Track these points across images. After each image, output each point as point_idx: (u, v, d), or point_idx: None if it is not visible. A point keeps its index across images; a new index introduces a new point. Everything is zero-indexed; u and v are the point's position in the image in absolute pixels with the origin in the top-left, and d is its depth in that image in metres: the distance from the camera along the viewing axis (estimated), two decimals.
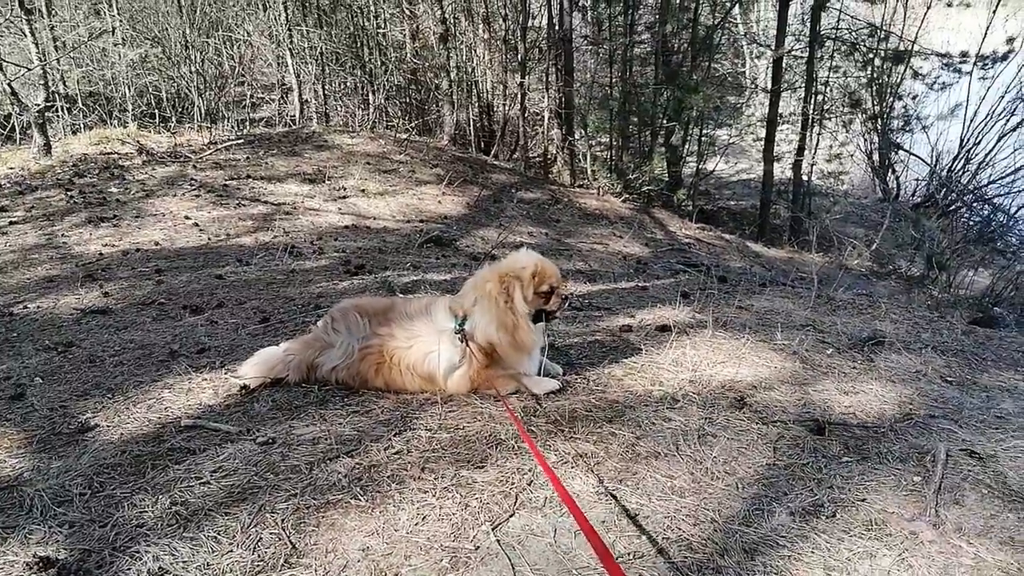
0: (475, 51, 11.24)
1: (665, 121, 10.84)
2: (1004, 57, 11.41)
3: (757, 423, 2.49)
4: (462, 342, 2.67)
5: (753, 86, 18.23)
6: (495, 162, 11.04)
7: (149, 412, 2.68)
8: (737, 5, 17.12)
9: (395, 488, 2.11)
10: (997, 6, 12.27)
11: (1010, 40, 11.52)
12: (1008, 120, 12.49)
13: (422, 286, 4.40)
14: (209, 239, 5.85)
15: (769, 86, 11.64)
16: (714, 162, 13.19)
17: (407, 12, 11.92)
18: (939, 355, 3.39)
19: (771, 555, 1.83)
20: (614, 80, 11.74)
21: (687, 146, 11.85)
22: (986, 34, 12.04)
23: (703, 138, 12.16)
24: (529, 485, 2.12)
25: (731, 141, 14.50)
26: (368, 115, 11.62)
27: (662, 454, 2.28)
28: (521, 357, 2.71)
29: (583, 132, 11.10)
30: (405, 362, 2.73)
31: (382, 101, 11.71)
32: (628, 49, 10.79)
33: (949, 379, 3.08)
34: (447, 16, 10.76)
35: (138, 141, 9.06)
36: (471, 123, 11.36)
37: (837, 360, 3.13)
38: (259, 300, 4.11)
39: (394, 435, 2.42)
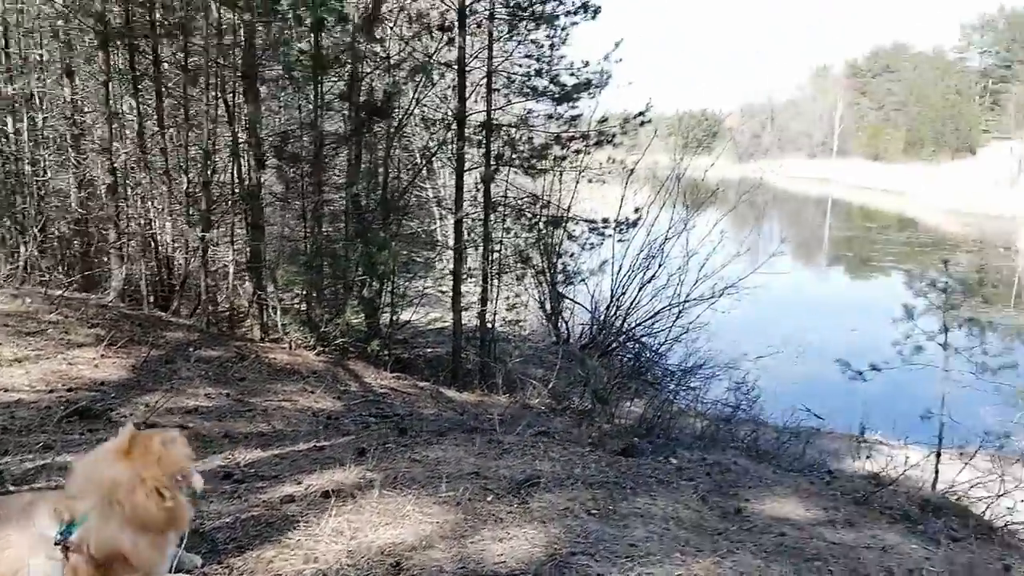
0: (152, 203, 10.55)
1: (359, 274, 11.13)
2: (634, 224, 13.93)
3: None
4: (64, 554, 2.17)
5: (443, 243, 19.81)
6: (173, 319, 10.17)
7: None
8: (425, 171, 18.87)
9: None
10: (627, 183, 15.11)
11: (637, 210, 14.17)
12: (644, 274, 15.10)
13: (49, 472, 3.72)
14: None
15: (452, 244, 12.71)
16: (409, 312, 13.74)
17: (73, 160, 10.90)
18: (587, 489, 3.76)
19: None
20: (307, 234, 11.83)
21: (383, 297, 12.22)
22: (621, 204, 14.68)
23: (396, 290, 12.66)
24: None
25: (424, 292, 15.33)
26: (16, 269, 10.05)
27: None
28: (146, 560, 2.32)
29: (274, 286, 10.84)
30: None
31: (34, 253, 10.26)
32: (319, 206, 11.04)
33: (593, 512, 3.41)
34: (117, 167, 10.03)
35: None
36: (145, 278, 10.43)
37: (496, 506, 3.29)
38: None
39: None
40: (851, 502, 5.13)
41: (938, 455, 7.36)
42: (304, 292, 11.71)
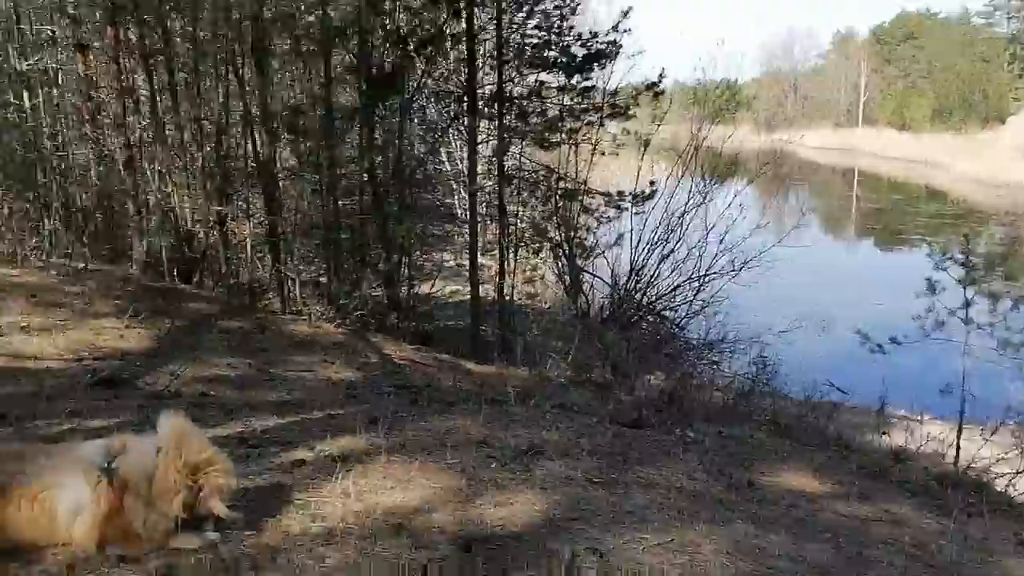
0: (170, 177, 10.68)
1: (376, 248, 11.23)
2: (650, 196, 13.79)
3: (411, 549, 2.53)
4: (101, 480, 2.32)
5: (461, 216, 19.83)
6: (195, 291, 10.35)
7: None
8: (442, 143, 18.82)
9: None
10: (643, 155, 14.96)
11: (652, 183, 14.01)
12: (663, 247, 14.97)
13: (76, 436, 3.84)
14: None
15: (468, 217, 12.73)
16: (428, 285, 13.83)
17: (90, 135, 11.05)
18: (592, 459, 3.80)
19: None
20: (323, 208, 11.93)
21: (401, 271, 12.32)
22: (638, 177, 14.53)
23: (414, 263, 12.76)
24: None
25: (443, 265, 15.41)
26: (40, 243, 10.27)
27: None
28: (150, 526, 2.40)
29: (292, 259, 10.98)
30: (26, 495, 2.30)
31: (58, 227, 10.47)
32: (334, 180, 11.11)
33: (596, 481, 3.46)
34: (132, 142, 10.17)
35: None
36: (164, 251, 10.60)
37: (499, 473, 3.35)
38: None
39: None
40: (867, 476, 5.10)
41: (959, 430, 7.26)
42: (329, 266, 11.86)
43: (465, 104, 10.76)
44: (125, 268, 10.36)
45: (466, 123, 10.86)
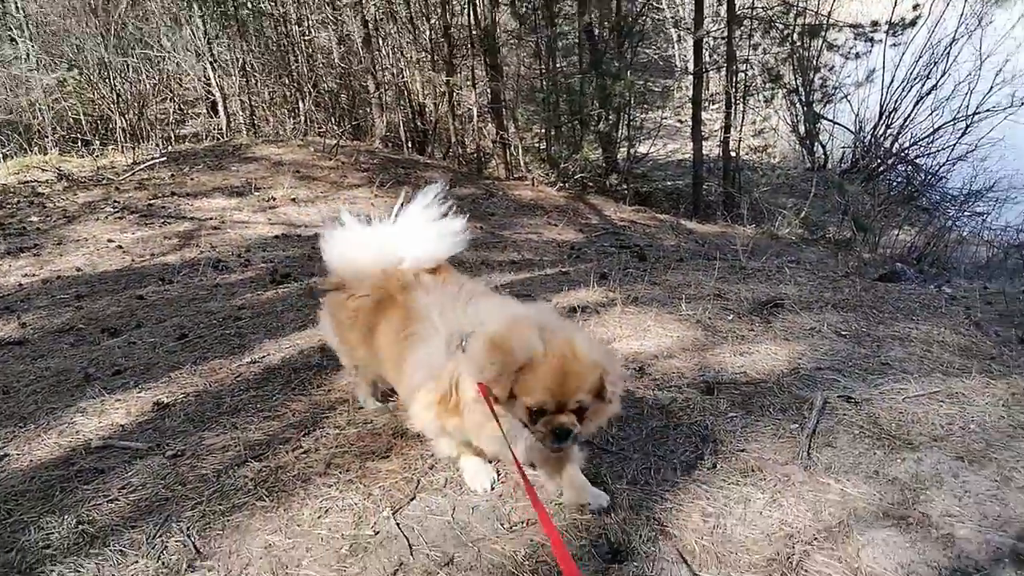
0: (402, 53, 11.22)
1: (594, 108, 11.00)
2: (912, 23, 11.80)
3: (654, 390, 2.61)
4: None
5: (682, 68, 18.60)
6: (429, 161, 11.06)
7: (60, 437, 2.67)
8: None
9: (300, 486, 2.17)
10: None
11: (916, 7, 11.94)
12: (924, 84, 12.98)
13: None
14: (132, 260, 5.77)
15: (692, 68, 11.91)
16: (647, 145, 13.41)
17: (330, 18, 11.84)
18: (837, 312, 3.57)
19: (654, 508, 1.94)
20: (542, 71, 11.85)
21: (619, 131, 12.03)
22: (895, 3, 12.47)
23: (633, 122, 12.36)
24: (431, 469, 2.20)
25: (661, 123, 14.76)
26: (298, 123, 11.51)
27: None
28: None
29: (514, 125, 11.18)
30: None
31: (311, 108, 11.61)
32: (552, 41, 10.90)
33: (844, 333, 3.26)
34: (368, 20, 10.71)
35: (59, 167, 8.83)
36: (402, 124, 11.35)
37: (736, 325, 3.28)
38: (180, 317, 4.09)
39: (303, 436, 2.47)
40: None
41: None
42: (543, 130, 11.95)
43: None
44: (369, 142, 11.31)
45: None
